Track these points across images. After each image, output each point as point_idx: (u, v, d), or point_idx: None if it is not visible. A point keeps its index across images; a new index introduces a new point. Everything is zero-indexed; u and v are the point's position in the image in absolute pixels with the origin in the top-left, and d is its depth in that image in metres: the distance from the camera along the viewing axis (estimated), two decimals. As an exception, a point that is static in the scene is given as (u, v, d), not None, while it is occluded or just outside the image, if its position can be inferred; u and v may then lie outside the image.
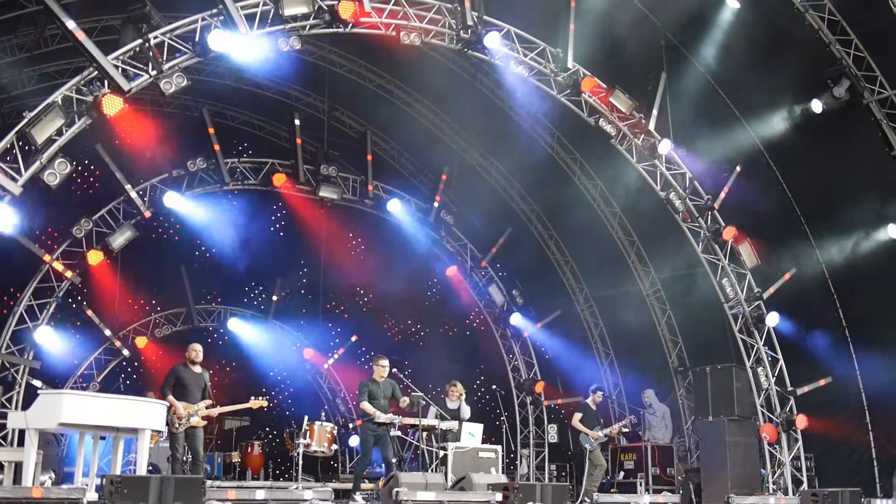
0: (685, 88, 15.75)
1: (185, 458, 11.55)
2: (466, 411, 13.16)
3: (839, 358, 15.85)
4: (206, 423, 11.62)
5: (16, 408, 14.41)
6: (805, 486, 14.74)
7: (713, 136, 16.00)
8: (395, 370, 12.39)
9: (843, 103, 14.29)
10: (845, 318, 16.18)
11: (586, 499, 13.13)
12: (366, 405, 11.86)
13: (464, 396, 13.34)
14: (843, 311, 16.20)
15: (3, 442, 14.28)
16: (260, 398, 12.18)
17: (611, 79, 14.71)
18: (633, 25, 15.10)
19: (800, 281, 15.61)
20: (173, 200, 15.82)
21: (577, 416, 14.98)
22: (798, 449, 15.14)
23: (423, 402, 12.60)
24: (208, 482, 9.22)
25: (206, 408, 11.50)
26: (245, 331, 20.29)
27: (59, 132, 10.96)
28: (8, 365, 14.87)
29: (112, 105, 11.06)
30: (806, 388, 15.21)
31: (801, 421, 14.96)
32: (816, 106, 14.40)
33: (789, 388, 15.24)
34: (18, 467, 10.65)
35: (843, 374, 15.74)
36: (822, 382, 15.29)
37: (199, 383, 11.54)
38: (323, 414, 15.19)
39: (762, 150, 16.05)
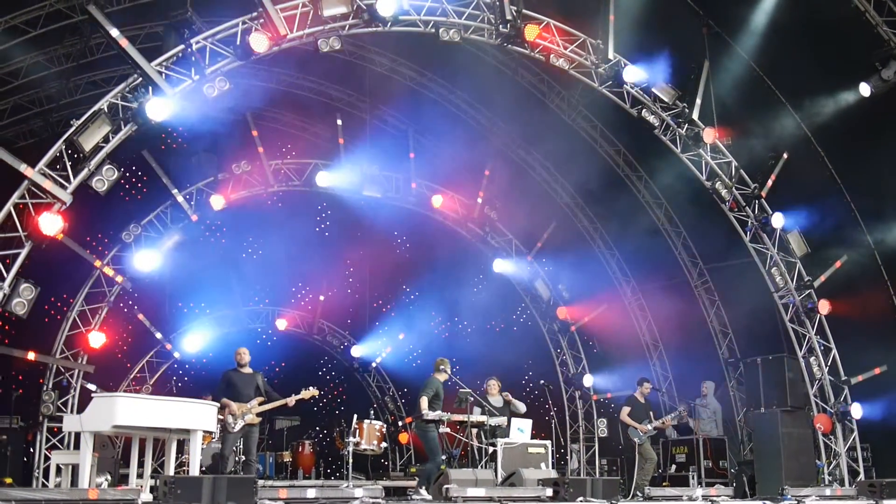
0: (729, 76, 15.54)
1: (237, 458, 11.79)
2: (521, 406, 13.08)
3: (894, 345, 15.54)
4: (260, 419, 11.82)
5: (71, 411, 14.72)
6: (862, 476, 14.49)
7: (759, 124, 15.77)
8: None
9: (892, 86, 14.02)
10: (900, 305, 15.88)
11: (638, 493, 13.00)
12: (423, 401, 11.75)
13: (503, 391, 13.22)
14: (896, 297, 15.90)
15: (59, 445, 14.58)
16: (311, 388, 12.35)
17: (653, 69, 14.57)
18: (674, 13, 14.93)
19: (851, 268, 15.34)
20: (220, 203, 16.00)
21: (626, 409, 14.81)
22: (854, 439, 14.89)
23: (471, 399, 12.58)
24: (260, 482, 9.30)
25: (259, 404, 11.74)
26: (293, 331, 20.44)
27: (106, 139, 11.16)
28: (63, 369, 15.18)
29: (157, 111, 11.21)
30: (860, 378, 14.97)
31: (857, 411, 14.71)
32: (864, 89, 14.14)
33: (843, 378, 15.00)
34: (75, 469, 10.85)
35: (899, 361, 15.45)
36: (876, 371, 15.04)
37: (250, 383, 11.78)
38: (372, 412, 15.17)
39: (809, 135, 15.78)
